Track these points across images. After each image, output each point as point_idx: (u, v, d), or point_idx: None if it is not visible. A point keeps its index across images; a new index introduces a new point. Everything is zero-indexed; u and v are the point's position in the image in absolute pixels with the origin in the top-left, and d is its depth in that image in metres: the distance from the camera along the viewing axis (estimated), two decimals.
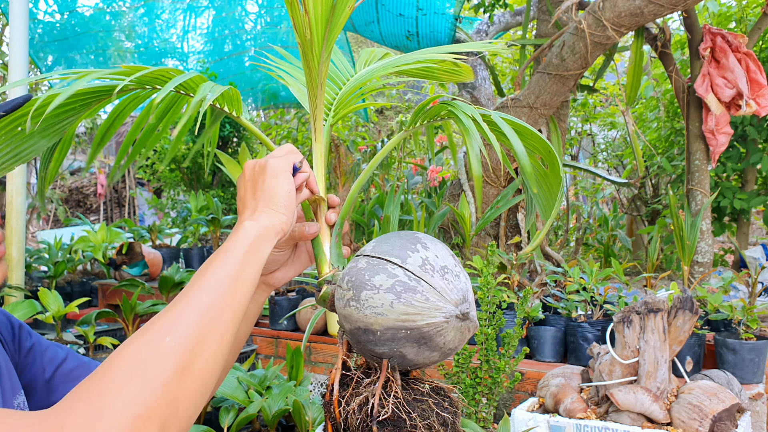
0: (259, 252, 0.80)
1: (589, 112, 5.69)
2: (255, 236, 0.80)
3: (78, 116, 0.92)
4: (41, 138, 0.91)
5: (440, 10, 3.88)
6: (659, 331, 1.75)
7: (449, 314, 0.79)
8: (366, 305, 0.80)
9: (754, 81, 2.95)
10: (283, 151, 0.91)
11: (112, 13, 5.03)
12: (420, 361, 0.83)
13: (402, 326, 0.79)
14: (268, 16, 5.27)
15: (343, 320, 0.85)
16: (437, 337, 0.80)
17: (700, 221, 2.96)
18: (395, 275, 0.80)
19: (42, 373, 1.00)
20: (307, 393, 2.04)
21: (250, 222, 0.82)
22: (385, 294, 0.79)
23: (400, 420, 0.81)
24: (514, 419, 1.84)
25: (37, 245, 7.58)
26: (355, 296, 0.81)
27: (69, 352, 1.05)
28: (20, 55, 2.82)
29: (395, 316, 0.78)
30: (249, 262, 0.78)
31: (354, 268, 0.84)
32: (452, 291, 0.80)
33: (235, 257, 0.77)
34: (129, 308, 2.84)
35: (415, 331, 0.79)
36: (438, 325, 0.79)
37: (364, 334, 0.81)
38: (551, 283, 2.78)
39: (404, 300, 0.78)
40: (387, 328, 0.79)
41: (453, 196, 3.56)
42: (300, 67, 1.15)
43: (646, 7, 2.66)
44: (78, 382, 1.01)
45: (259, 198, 0.85)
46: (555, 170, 0.94)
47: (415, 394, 0.85)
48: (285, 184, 0.85)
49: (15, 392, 0.93)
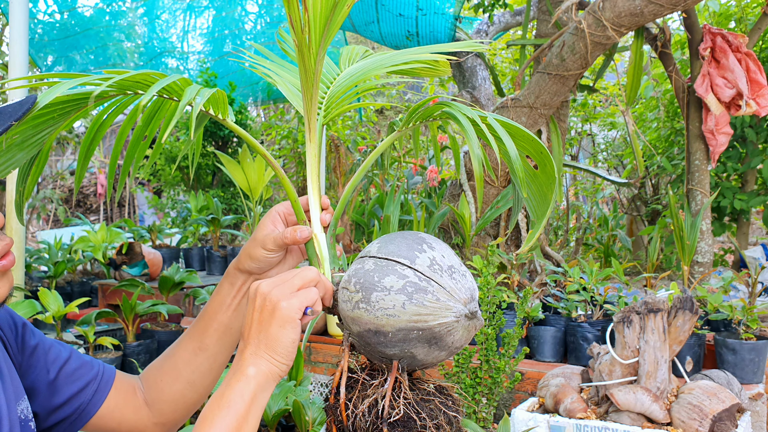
0: (260, 401, 0.82)
1: (589, 112, 5.69)
2: (256, 385, 0.80)
3: (57, 126, 0.87)
4: (19, 151, 0.86)
5: (440, 10, 3.88)
6: (659, 331, 1.75)
7: (459, 313, 0.80)
8: (377, 307, 0.80)
9: (754, 81, 2.95)
10: (299, 282, 0.85)
11: (111, 13, 5.03)
12: (429, 361, 0.83)
13: (414, 327, 0.79)
14: (268, 16, 5.27)
15: (351, 323, 0.84)
16: (447, 336, 0.80)
17: (700, 221, 2.96)
18: (405, 276, 0.80)
19: (46, 374, 0.99)
20: (307, 393, 2.04)
21: (253, 368, 0.81)
22: (397, 295, 0.79)
23: (410, 420, 0.81)
24: (514, 419, 1.84)
25: (37, 245, 7.58)
26: (365, 298, 0.81)
27: (72, 352, 1.04)
28: (20, 55, 2.82)
29: (407, 317, 0.79)
30: (251, 413, 0.80)
31: (361, 269, 0.84)
32: (461, 290, 0.81)
33: (238, 412, 0.79)
34: (129, 308, 2.84)
35: (426, 331, 0.79)
36: (449, 325, 0.80)
37: (375, 336, 0.81)
38: (551, 283, 2.78)
39: (416, 301, 0.79)
40: (399, 330, 0.80)
41: (453, 196, 3.56)
42: (285, 66, 1.14)
43: (646, 7, 2.66)
44: (82, 382, 1.01)
45: (261, 340, 0.82)
46: (547, 173, 0.93)
47: (422, 394, 0.86)
48: (291, 334, 0.82)
49: (18, 397, 0.92)
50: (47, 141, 0.90)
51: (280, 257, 1.00)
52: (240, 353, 0.83)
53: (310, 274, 0.86)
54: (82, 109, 0.86)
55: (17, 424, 0.88)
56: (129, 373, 1.14)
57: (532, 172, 0.96)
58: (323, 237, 0.96)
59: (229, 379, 0.82)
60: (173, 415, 1.07)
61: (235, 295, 1.04)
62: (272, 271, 1.02)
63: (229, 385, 0.81)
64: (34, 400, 0.98)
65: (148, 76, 0.83)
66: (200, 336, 1.05)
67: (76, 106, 0.85)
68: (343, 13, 0.85)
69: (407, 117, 0.98)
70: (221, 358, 1.06)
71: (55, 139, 0.90)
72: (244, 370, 0.81)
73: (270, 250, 0.97)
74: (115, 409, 1.04)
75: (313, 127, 0.98)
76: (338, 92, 1.09)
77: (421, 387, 0.87)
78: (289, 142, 6.17)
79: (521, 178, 0.85)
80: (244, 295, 1.04)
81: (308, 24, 0.83)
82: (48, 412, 0.99)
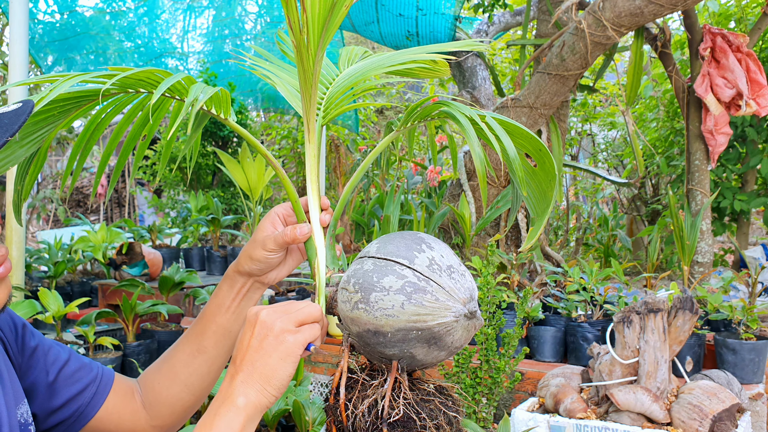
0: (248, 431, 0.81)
1: (589, 112, 5.69)
2: (245, 417, 0.79)
3: (57, 124, 0.87)
4: (19, 147, 0.86)
5: (440, 10, 3.88)
6: (659, 331, 1.75)
7: (458, 313, 0.80)
8: (376, 307, 0.80)
9: (754, 81, 2.95)
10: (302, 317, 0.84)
11: (112, 14, 5.03)
12: (428, 361, 0.83)
13: (413, 327, 0.79)
14: (268, 16, 5.27)
15: (350, 323, 0.84)
16: (447, 336, 0.80)
17: (700, 221, 2.96)
18: (404, 276, 0.80)
19: (45, 376, 0.98)
20: (307, 393, 2.04)
21: (243, 398, 0.80)
22: (396, 295, 0.79)
23: (410, 420, 0.81)
24: (514, 419, 1.84)
25: (37, 245, 7.58)
26: (364, 298, 0.81)
27: (71, 353, 1.04)
28: (20, 55, 2.82)
29: (406, 317, 0.79)
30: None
31: (360, 270, 0.84)
32: (460, 290, 0.81)
33: None
34: (129, 308, 2.84)
35: (426, 331, 0.79)
36: (448, 325, 0.79)
37: (374, 336, 0.81)
38: (551, 283, 2.79)
39: (415, 301, 0.79)
40: (398, 330, 0.80)
41: (453, 196, 3.56)
42: (283, 66, 1.13)
43: (646, 7, 2.66)
44: (81, 384, 1.01)
45: (257, 369, 0.81)
46: (547, 170, 0.93)
47: (421, 394, 0.85)
48: (290, 368, 0.81)
49: (18, 401, 0.91)
50: (47, 139, 0.89)
51: (280, 258, 1.00)
52: (230, 378, 0.81)
53: (314, 311, 0.85)
54: (83, 107, 0.86)
55: (17, 428, 0.88)
56: (129, 373, 1.14)
57: (531, 170, 0.96)
58: (322, 237, 0.95)
59: (218, 407, 0.80)
60: (171, 418, 1.07)
61: (234, 297, 1.03)
62: (272, 273, 1.02)
63: (218, 414, 0.79)
64: (33, 402, 0.98)
65: (152, 74, 0.83)
66: (198, 338, 1.04)
67: (76, 104, 0.84)
68: (342, 14, 0.85)
69: (405, 116, 0.98)
70: (219, 361, 1.06)
71: (55, 138, 0.89)
72: (234, 399, 0.79)
73: (270, 250, 0.97)
74: (113, 411, 1.03)
75: (313, 128, 0.98)
76: (337, 93, 1.09)
77: (421, 387, 0.87)
78: (288, 142, 6.18)
79: (521, 177, 0.85)
80: (243, 298, 1.04)
81: (306, 25, 0.83)
82: (47, 413, 0.99)
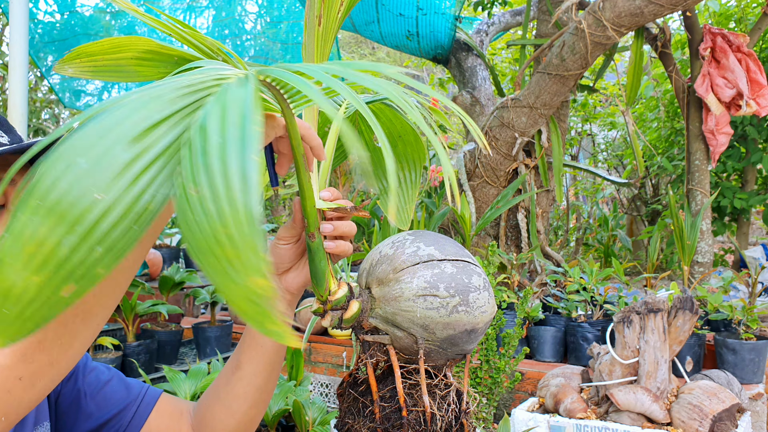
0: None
1: (589, 112, 5.69)
2: None
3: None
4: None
5: (440, 9, 3.88)
6: (659, 331, 1.75)
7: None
8: (475, 306, 0.83)
9: (755, 81, 2.95)
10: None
11: (111, 14, 5.03)
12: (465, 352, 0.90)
13: (489, 319, 0.86)
14: (268, 16, 5.27)
15: (441, 329, 0.83)
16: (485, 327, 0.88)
17: (700, 221, 2.96)
18: (480, 274, 0.85)
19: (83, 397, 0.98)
20: (307, 393, 2.04)
21: None
22: (483, 292, 0.84)
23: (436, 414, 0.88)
24: (514, 419, 1.84)
25: None
26: (464, 300, 0.83)
27: (115, 375, 1.02)
28: (20, 55, 2.82)
29: (491, 310, 0.85)
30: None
31: (443, 273, 0.84)
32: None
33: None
34: (129, 308, 2.84)
35: (488, 323, 0.86)
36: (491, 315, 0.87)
37: (468, 335, 0.84)
38: (551, 283, 2.79)
39: (490, 294, 0.85)
40: (486, 324, 0.85)
41: (453, 196, 3.57)
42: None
43: (646, 7, 2.67)
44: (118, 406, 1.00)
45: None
46: (416, 151, 0.93)
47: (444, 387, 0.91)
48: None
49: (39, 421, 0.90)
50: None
51: (295, 250, 0.91)
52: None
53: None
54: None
55: None
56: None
57: (402, 152, 0.98)
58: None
59: None
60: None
61: None
62: (291, 274, 0.91)
63: None
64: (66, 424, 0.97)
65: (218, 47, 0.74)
66: (237, 353, 0.97)
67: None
68: (340, 19, 0.86)
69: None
70: (256, 381, 0.95)
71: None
72: None
73: (283, 237, 0.91)
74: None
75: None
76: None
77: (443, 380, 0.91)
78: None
79: (363, 166, 0.85)
80: None
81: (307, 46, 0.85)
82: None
